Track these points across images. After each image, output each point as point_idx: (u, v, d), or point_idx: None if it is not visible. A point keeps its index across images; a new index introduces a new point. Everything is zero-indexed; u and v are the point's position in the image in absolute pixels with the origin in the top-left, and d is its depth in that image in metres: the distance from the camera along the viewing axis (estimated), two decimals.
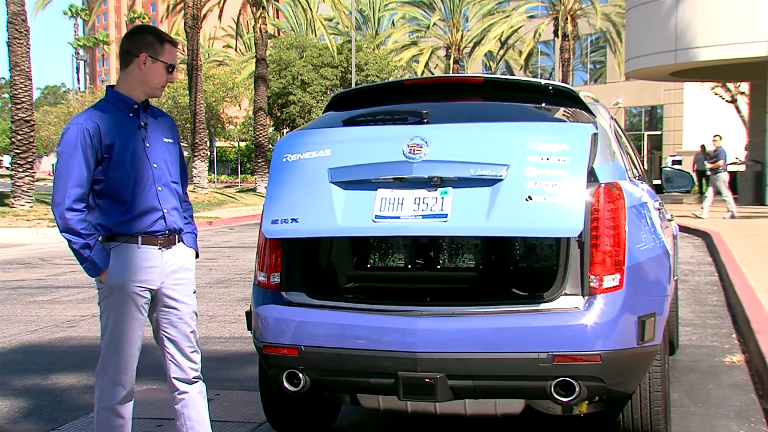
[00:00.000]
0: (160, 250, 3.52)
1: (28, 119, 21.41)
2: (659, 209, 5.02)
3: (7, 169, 53.17)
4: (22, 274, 11.81)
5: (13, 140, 21.48)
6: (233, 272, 11.57)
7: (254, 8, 35.10)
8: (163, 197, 3.53)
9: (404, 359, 3.54)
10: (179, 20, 34.94)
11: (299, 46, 43.52)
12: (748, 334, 6.73)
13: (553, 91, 4.14)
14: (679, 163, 34.11)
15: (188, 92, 32.99)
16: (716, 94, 35.36)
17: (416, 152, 3.58)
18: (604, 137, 3.92)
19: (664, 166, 31.29)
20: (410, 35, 50.99)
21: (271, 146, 37.55)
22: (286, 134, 4.35)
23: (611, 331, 3.49)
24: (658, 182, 6.72)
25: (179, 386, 3.65)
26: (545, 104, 4.10)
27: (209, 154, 45.36)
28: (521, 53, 46.29)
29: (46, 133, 60.84)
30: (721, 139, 19.54)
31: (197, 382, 3.68)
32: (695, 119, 39.99)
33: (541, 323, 3.49)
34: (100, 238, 3.46)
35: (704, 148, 27.65)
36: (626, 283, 3.55)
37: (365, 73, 41.22)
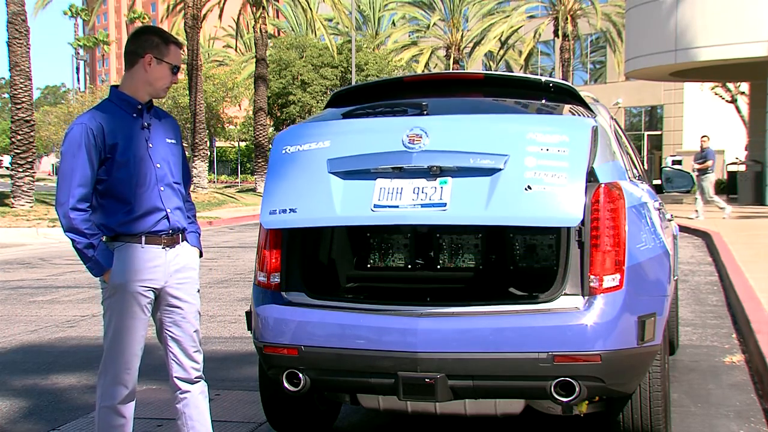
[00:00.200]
0: (163, 249, 3.52)
1: (28, 119, 21.41)
2: (659, 209, 5.02)
3: (7, 169, 53.15)
4: (22, 274, 11.81)
5: (13, 140, 21.49)
6: (233, 272, 11.57)
7: (254, 8, 35.09)
8: (165, 197, 3.53)
9: (404, 359, 3.53)
10: (179, 20, 34.92)
11: (299, 46, 43.52)
12: (748, 334, 6.73)
13: (553, 88, 4.14)
14: (679, 163, 34.02)
15: (188, 92, 32.99)
16: (716, 94, 35.34)
17: (415, 142, 3.55)
18: (604, 137, 3.91)
19: (664, 166, 31.21)
20: (410, 35, 51.00)
21: (271, 146, 37.49)
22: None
23: (611, 331, 3.49)
24: (658, 182, 6.71)
25: (181, 386, 3.65)
26: (545, 101, 4.10)
27: (209, 154, 45.36)
28: (521, 53, 46.27)
29: (46, 133, 60.79)
30: (708, 139, 19.48)
31: (199, 381, 3.68)
32: (695, 119, 39.95)
33: (541, 323, 3.49)
34: (104, 238, 3.46)
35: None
36: (626, 283, 3.55)
37: (365, 73, 41.21)
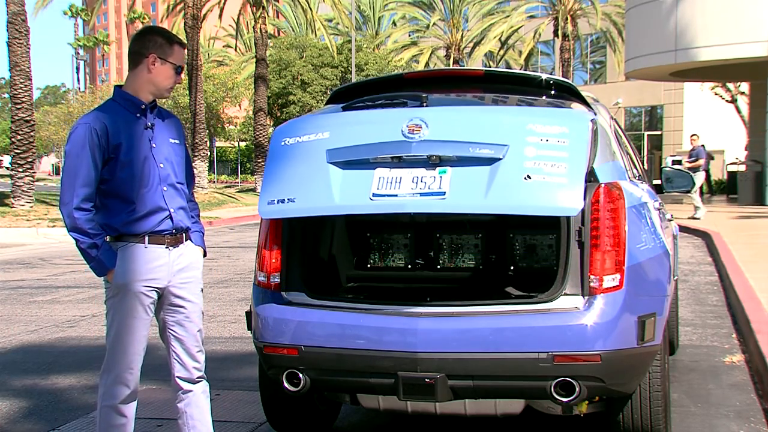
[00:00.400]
0: (167, 249, 3.52)
1: (28, 119, 21.42)
2: (659, 209, 5.02)
3: (7, 169, 53.14)
4: (22, 274, 11.80)
5: (13, 140, 21.50)
6: (233, 272, 11.57)
7: (254, 8, 35.09)
8: (169, 197, 3.54)
9: (404, 359, 3.53)
10: (179, 20, 34.93)
11: (299, 46, 43.52)
12: (748, 334, 6.73)
13: (553, 85, 4.15)
14: (679, 163, 33.93)
15: (188, 92, 33.01)
16: (716, 94, 35.33)
17: (415, 132, 3.54)
18: (604, 137, 3.91)
19: (664, 166, 31.18)
20: (410, 35, 50.99)
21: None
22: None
23: (611, 331, 3.49)
24: (658, 182, 6.71)
25: (183, 385, 3.65)
26: (545, 98, 4.10)
27: (209, 154, 45.34)
28: (521, 53, 46.27)
29: (46, 133, 60.75)
30: (698, 137, 19.54)
31: (201, 381, 3.69)
32: (695, 119, 39.93)
33: (541, 323, 3.49)
34: (107, 238, 3.46)
35: (704, 147, 27.61)
36: (626, 283, 3.55)
37: (365, 73, 41.21)
